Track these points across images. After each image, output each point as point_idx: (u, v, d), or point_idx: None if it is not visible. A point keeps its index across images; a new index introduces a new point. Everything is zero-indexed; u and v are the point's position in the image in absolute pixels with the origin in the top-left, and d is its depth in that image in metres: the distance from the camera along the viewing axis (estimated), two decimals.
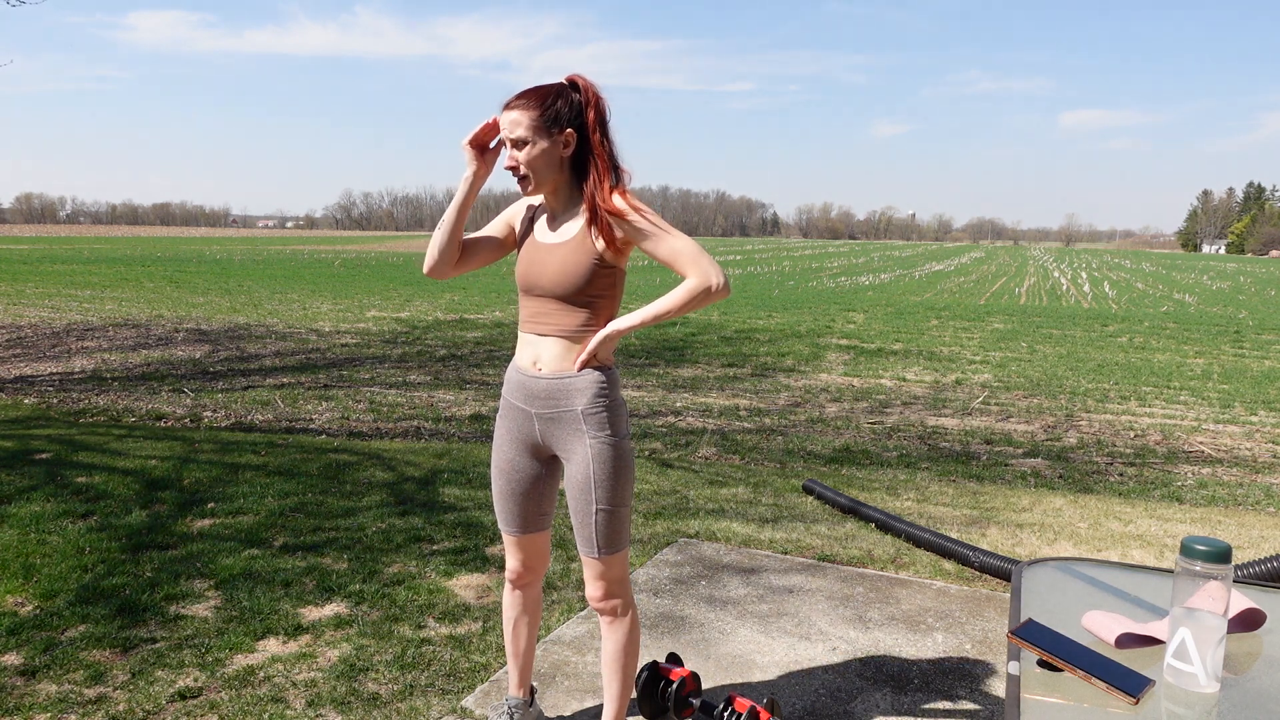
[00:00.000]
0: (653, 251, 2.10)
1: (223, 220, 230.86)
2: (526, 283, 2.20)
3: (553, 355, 2.17)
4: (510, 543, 2.39)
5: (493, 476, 2.34)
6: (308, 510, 4.42)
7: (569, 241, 2.14)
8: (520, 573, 2.42)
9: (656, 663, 2.60)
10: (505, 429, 2.30)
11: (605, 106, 2.11)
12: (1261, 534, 4.64)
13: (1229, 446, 7.05)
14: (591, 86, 2.11)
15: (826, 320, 16.28)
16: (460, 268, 2.27)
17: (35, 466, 5.05)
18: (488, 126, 2.15)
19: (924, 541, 4.15)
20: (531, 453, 2.28)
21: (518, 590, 2.46)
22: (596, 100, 2.10)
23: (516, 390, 2.24)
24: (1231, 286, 33.25)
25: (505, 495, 2.33)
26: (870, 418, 7.80)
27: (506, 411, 2.29)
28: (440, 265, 2.25)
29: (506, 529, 2.37)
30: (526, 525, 2.34)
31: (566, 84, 2.11)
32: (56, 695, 2.67)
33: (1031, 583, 1.71)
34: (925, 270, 39.65)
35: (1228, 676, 1.34)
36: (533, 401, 2.21)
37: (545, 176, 2.12)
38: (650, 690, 2.56)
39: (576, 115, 2.09)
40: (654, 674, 2.56)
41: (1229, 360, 12.29)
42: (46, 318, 14.17)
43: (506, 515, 2.35)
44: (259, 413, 7.39)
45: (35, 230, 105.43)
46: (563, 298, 2.14)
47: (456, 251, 2.24)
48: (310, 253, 46.40)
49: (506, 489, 2.32)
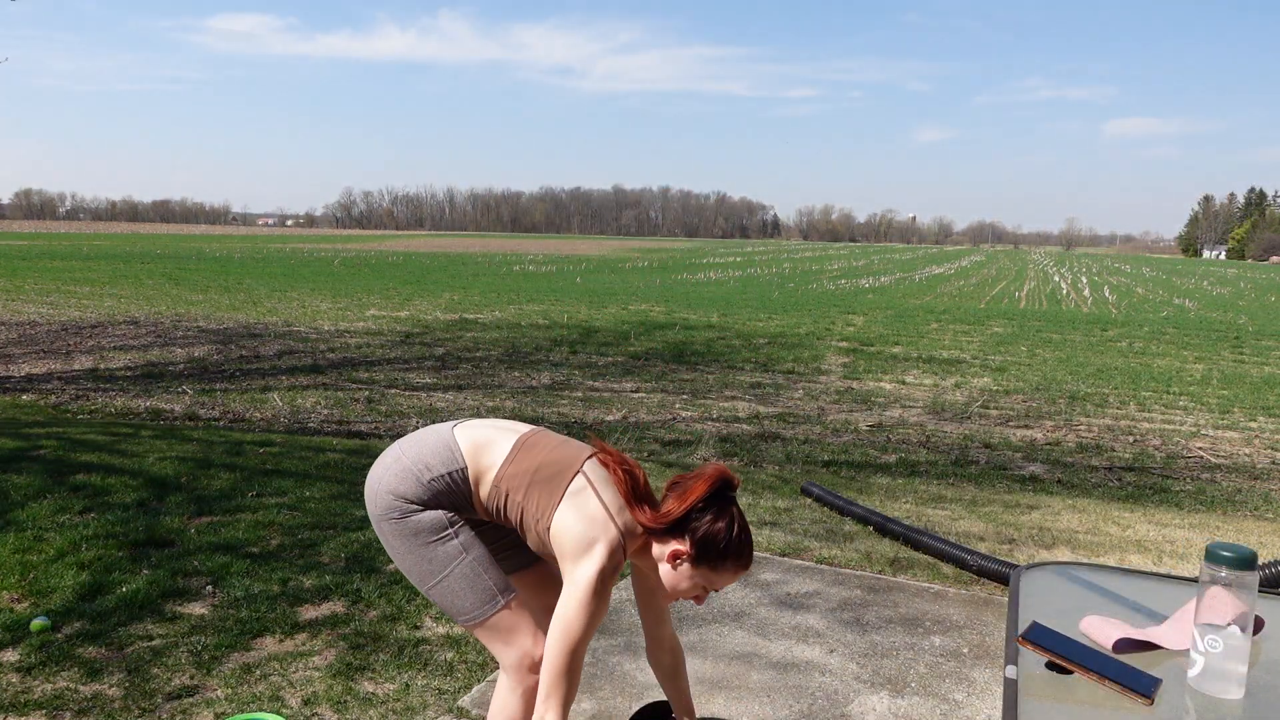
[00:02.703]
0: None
1: (223, 218, 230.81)
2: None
3: None
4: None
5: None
6: (305, 509, 4.42)
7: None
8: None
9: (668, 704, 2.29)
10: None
11: None
12: (1260, 540, 4.64)
13: (1228, 452, 7.05)
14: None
15: (826, 323, 16.28)
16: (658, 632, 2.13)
17: (33, 464, 5.05)
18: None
19: (922, 545, 4.15)
20: None
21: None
22: None
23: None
24: (1231, 292, 33.26)
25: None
26: (869, 420, 7.80)
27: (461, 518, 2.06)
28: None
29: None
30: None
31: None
32: (53, 693, 2.67)
33: (1029, 587, 1.70)
34: (925, 273, 39.66)
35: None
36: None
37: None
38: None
39: None
40: (662, 714, 2.27)
41: (1228, 366, 12.29)
42: (45, 314, 14.16)
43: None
44: (257, 411, 7.39)
45: (34, 226, 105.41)
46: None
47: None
48: (310, 251, 46.41)
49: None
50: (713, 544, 1.84)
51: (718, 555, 1.84)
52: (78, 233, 76.46)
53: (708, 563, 1.85)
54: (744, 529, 1.87)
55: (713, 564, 1.85)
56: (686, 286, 26.03)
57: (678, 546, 1.85)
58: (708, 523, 1.84)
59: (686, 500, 1.86)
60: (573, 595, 1.77)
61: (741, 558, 1.87)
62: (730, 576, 1.89)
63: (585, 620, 1.76)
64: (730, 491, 1.89)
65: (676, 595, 1.91)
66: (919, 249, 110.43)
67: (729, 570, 1.87)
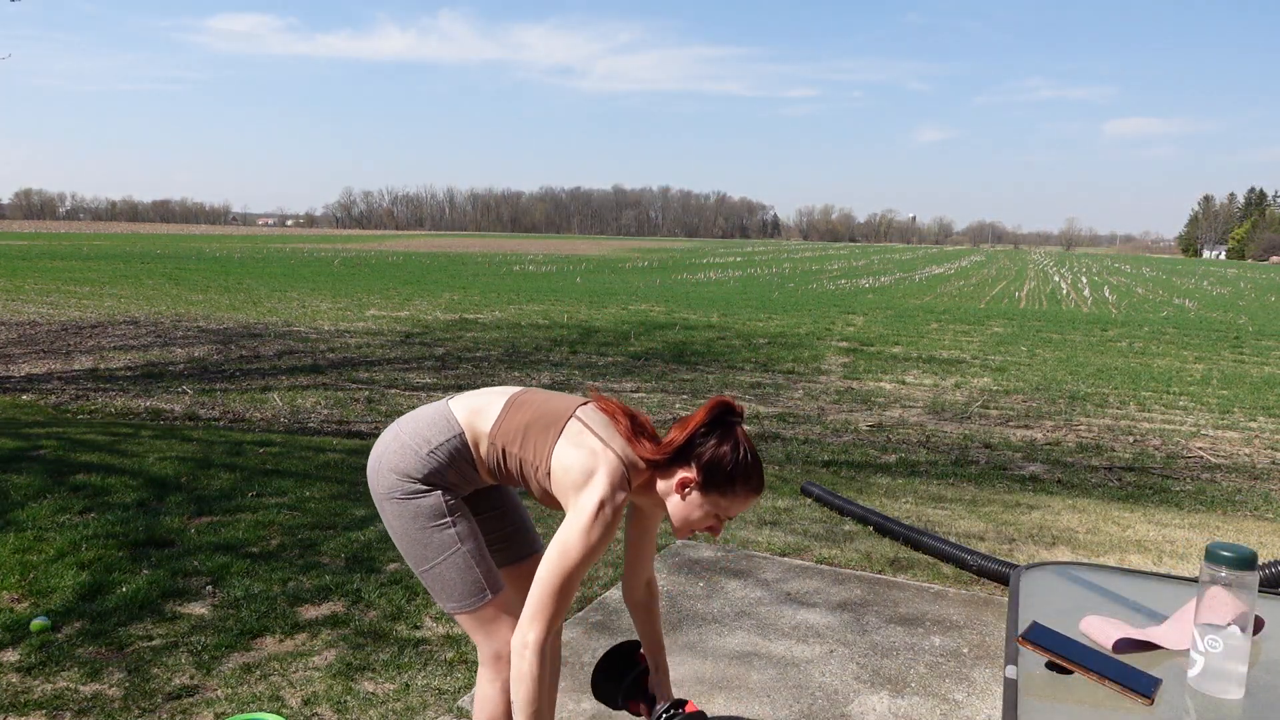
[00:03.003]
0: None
1: (223, 218, 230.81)
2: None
3: None
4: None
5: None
6: (305, 509, 4.42)
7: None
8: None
9: (637, 644, 2.29)
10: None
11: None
12: (1260, 540, 4.64)
13: (1228, 452, 7.05)
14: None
15: (826, 323, 16.28)
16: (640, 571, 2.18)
17: (33, 464, 5.05)
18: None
19: (922, 545, 4.15)
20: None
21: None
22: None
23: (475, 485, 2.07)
24: (1231, 292, 33.26)
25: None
26: (869, 420, 7.80)
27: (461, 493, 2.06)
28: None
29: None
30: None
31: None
32: (53, 693, 2.67)
33: (1029, 587, 1.71)
34: (925, 273, 39.66)
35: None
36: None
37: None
38: (613, 665, 2.21)
39: None
40: (629, 655, 2.24)
41: (1228, 366, 12.29)
42: (45, 314, 14.16)
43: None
44: (257, 411, 7.39)
45: (34, 226, 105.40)
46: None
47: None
48: (310, 251, 46.40)
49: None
50: (719, 467, 1.83)
51: (726, 479, 1.83)
52: (78, 233, 76.46)
53: (716, 488, 1.84)
54: (751, 451, 1.86)
55: (722, 489, 1.84)
56: (686, 286, 26.03)
57: (685, 474, 1.85)
58: (712, 447, 1.83)
59: (688, 427, 1.86)
60: (574, 521, 1.76)
61: (750, 480, 1.85)
62: (742, 502, 1.87)
63: (584, 547, 1.74)
64: (733, 417, 1.87)
65: (690, 528, 1.89)
66: (919, 249, 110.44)
67: (740, 495, 1.86)
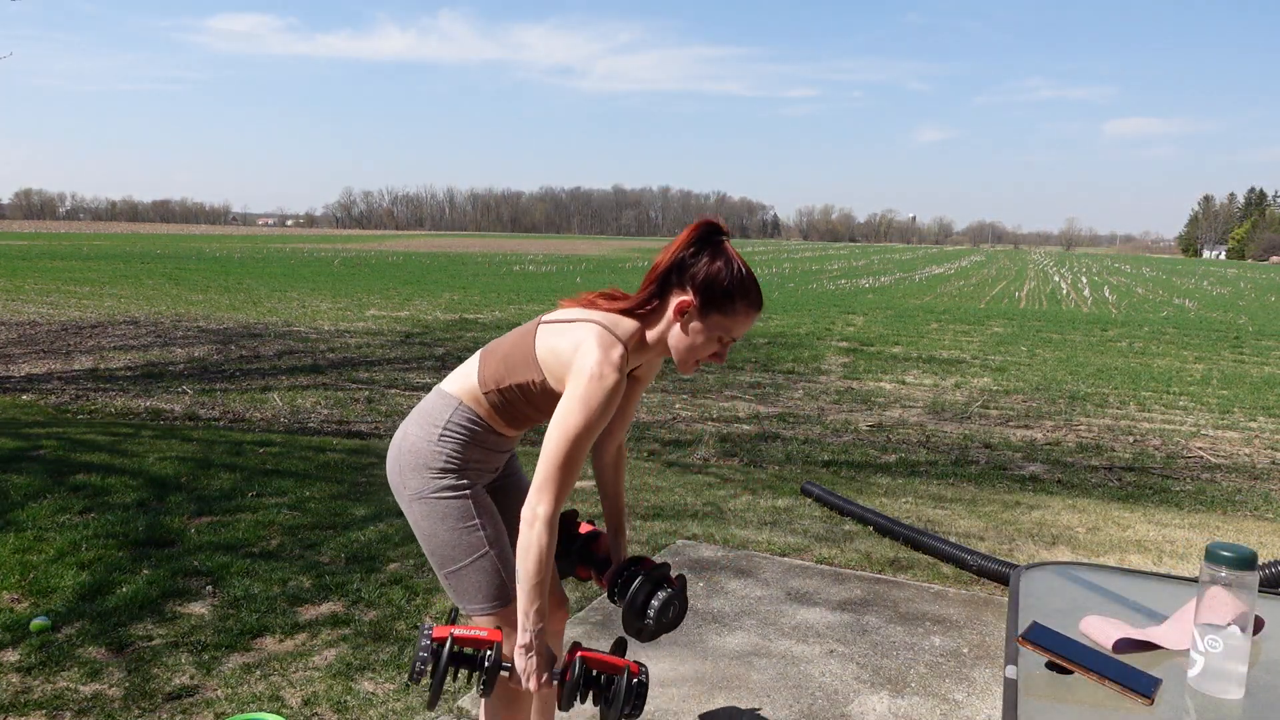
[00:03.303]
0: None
1: (223, 218, 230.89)
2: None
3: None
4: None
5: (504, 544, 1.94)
6: (305, 509, 4.42)
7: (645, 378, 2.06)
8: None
9: (574, 513, 2.22)
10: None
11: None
12: (1260, 540, 4.64)
13: (1228, 452, 7.05)
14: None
15: (826, 323, 16.28)
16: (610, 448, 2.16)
17: (33, 464, 5.05)
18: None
19: (922, 545, 4.15)
20: None
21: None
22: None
23: (497, 457, 2.02)
24: (1231, 292, 33.26)
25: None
26: (869, 420, 7.81)
27: (483, 472, 2.00)
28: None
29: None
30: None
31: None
32: (52, 693, 2.67)
33: (1029, 587, 1.71)
34: (925, 273, 39.66)
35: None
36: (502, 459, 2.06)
37: None
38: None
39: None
40: (566, 528, 2.17)
41: (1229, 366, 12.29)
42: (45, 314, 14.16)
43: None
44: (257, 411, 7.39)
45: (34, 226, 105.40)
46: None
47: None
48: (310, 251, 46.40)
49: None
50: (717, 283, 1.77)
51: (724, 295, 1.78)
52: (78, 233, 76.45)
53: (716, 307, 1.79)
54: (746, 265, 1.82)
55: (721, 307, 1.79)
56: None
57: (682, 299, 1.80)
58: (705, 264, 1.78)
59: (672, 249, 1.82)
60: (571, 389, 1.74)
61: (749, 294, 1.80)
62: (744, 319, 1.82)
63: (584, 414, 1.71)
64: (719, 236, 1.82)
65: (694, 357, 1.84)
66: (919, 249, 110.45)
67: (741, 312, 1.81)
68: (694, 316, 1.80)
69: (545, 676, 1.78)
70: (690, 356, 1.84)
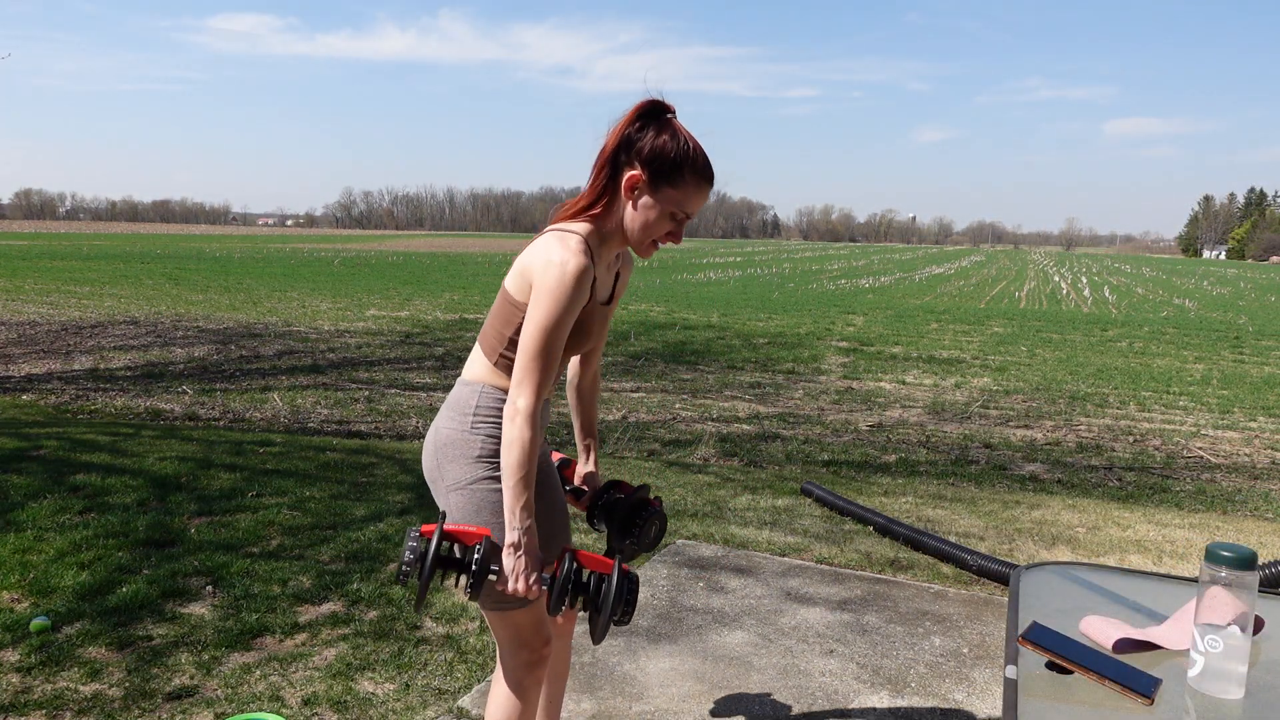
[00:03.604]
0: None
1: (223, 218, 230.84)
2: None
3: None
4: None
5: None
6: (305, 509, 4.42)
7: (614, 296, 2.00)
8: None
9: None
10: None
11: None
12: (1260, 540, 4.64)
13: (1228, 452, 7.05)
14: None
15: (826, 323, 16.28)
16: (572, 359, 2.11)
17: (33, 464, 5.05)
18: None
19: (922, 545, 4.15)
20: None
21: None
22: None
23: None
24: (1231, 292, 33.27)
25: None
26: (869, 420, 7.80)
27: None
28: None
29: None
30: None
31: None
32: (53, 693, 2.67)
33: (1029, 587, 1.71)
34: (925, 273, 39.66)
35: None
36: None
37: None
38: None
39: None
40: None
41: (1228, 366, 12.29)
42: (45, 314, 14.16)
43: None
44: (257, 411, 7.39)
45: (34, 226, 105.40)
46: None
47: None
48: (310, 251, 46.41)
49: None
50: (664, 156, 1.76)
51: (672, 167, 1.77)
52: (78, 233, 76.45)
53: (666, 180, 1.78)
54: (693, 139, 1.79)
55: (671, 180, 1.78)
56: (686, 286, 26.02)
57: (630, 174, 1.78)
58: (651, 138, 1.77)
59: (617, 129, 1.79)
60: (538, 284, 1.74)
61: (698, 164, 1.78)
62: (695, 193, 1.80)
63: (551, 305, 1.71)
64: (665, 113, 1.80)
65: (650, 237, 1.83)
66: (919, 249, 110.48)
67: (691, 185, 1.79)
68: (644, 191, 1.79)
69: (534, 577, 1.75)
70: (645, 236, 1.83)
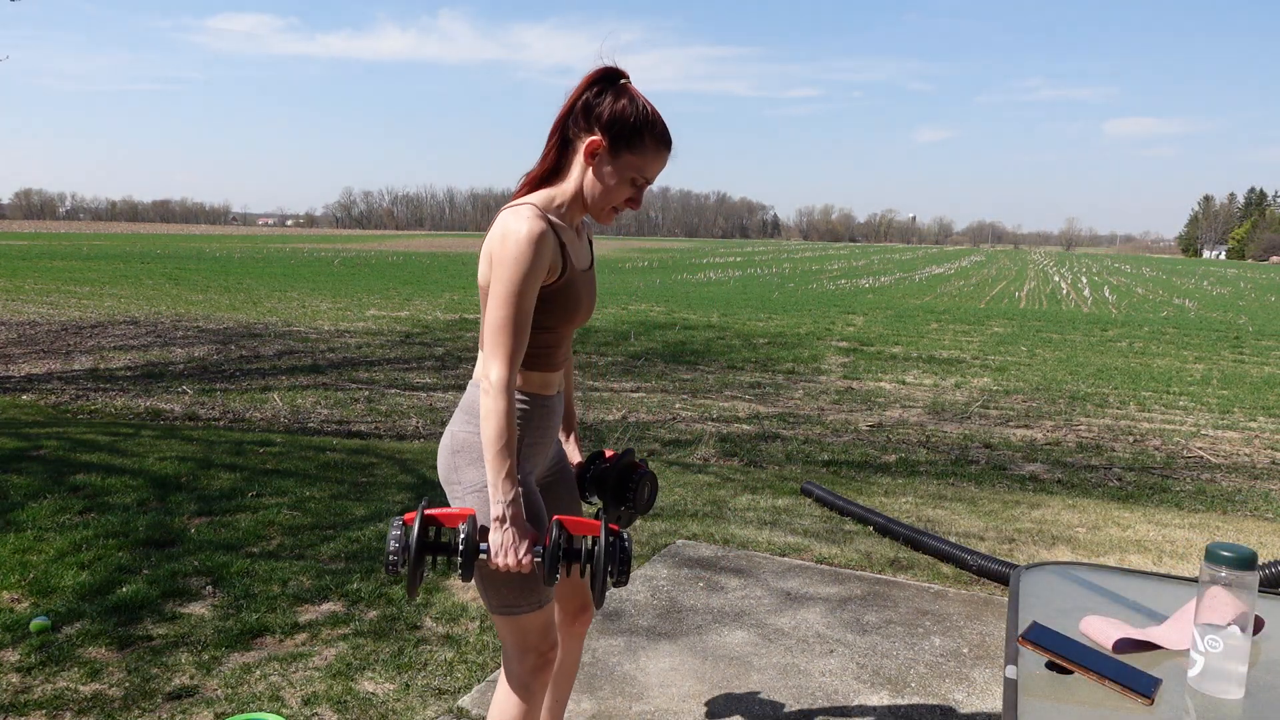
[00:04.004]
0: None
1: (223, 218, 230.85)
2: (586, 315, 1.92)
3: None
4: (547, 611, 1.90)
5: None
6: (305, 509, 4.42)
7: (592, 262, 1.99)
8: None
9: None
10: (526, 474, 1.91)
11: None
12: (1260, 540, 4.64)
13: (1228, 452, 7.05)
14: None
15: (826, 323, 16.28)
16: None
17: (33, 464, 5.05)
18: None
19: (922, 545, 4.15)
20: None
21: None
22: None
23: (549, 430, 1.95)
24: (1232, 292, 33.26)
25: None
26: (869, 420, 7.80)
27: (536, 454, 1.93)
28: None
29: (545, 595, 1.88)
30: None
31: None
32: (52, 693, 2.67)
33: (1030, 587, 1.71)
34: (925, 273, 39.66)
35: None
36: (555, 429, 1.99)
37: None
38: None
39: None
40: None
41: (1229, 366, 12.29)
42: (45, 314, 14.16)
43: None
44: (257, 411, 7.39)
45: (34, 226, 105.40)
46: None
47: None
48: (310, 251, 46.40)
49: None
50: (624, 120, 1.75)
51: (633, 132, 1.76)
52: (78, 233, 76.46)
53: (626, 144, 1.77)
54: (650, 103, 1.78)
55: (631, 144, 1.77)
56: (686, 286, 26.02)
57: (590, 139, 1.77)
58: (609, 103, 1.76)
59: (573, 95, 1.78)
60: (497, 259, 1.72)
61: (657, 130, 1.78)
62: (654, 158, 1.80)
63: (511, 269, 1.70)
64: (620, 78, 1.79)
65: (609, 203, 1.82)
66: (919, 249, 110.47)
67: (650, 149, 1.78)
68: (604, 158, 1.78)
69: (524, 549, 1.71)
70: (605, 202, 1.82)
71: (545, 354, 1.88)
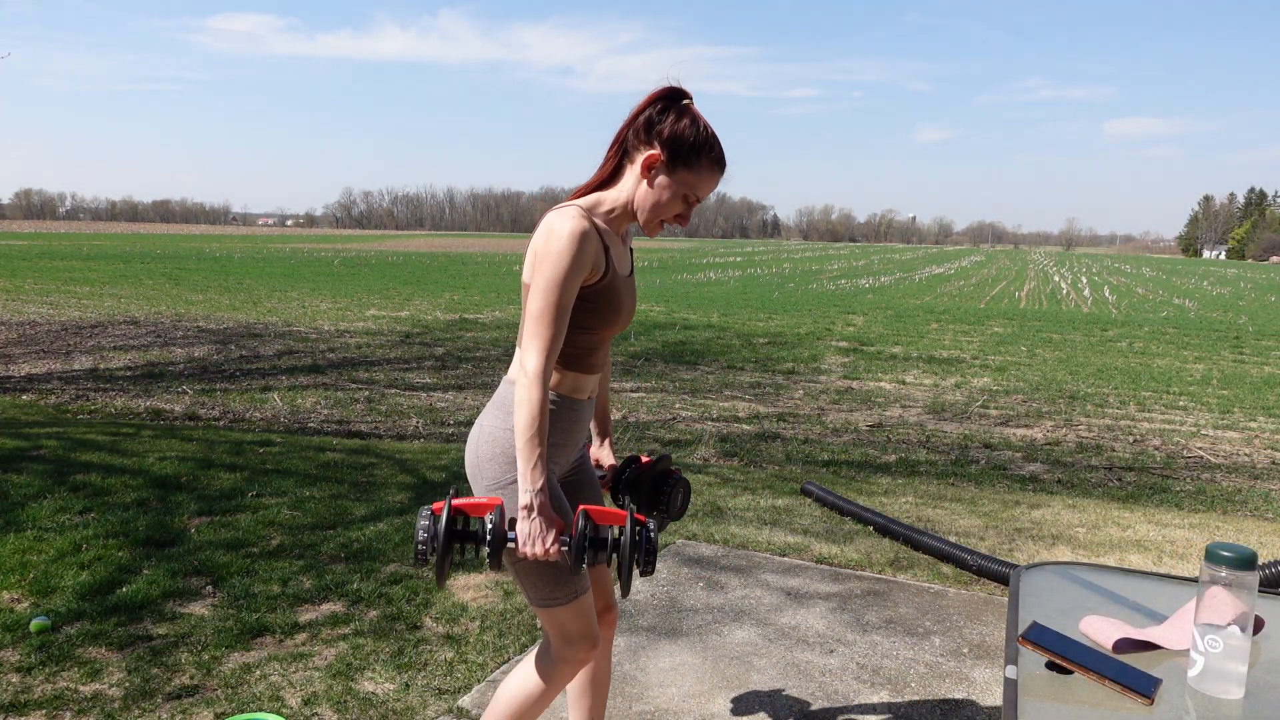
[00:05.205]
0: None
1: (222, 218, 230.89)
2: (626, 320, 1.95)
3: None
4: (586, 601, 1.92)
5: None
6: (305, 509, 4.42)
7: (633, 269, 2.02)
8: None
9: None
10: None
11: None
12: (1260, 540, 4.64)
13: (1228, 452, 7.06)
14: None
15: (826, 323, 16.28)
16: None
17: (34, 464, 5.05)
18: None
19: (922, 545, 4.15)
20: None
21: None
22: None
23: (574, 434, 1.97)
24: (1231, 292, 33.26)
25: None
26: (869, 420, 7.81)
27: (559, 455, 1.95)
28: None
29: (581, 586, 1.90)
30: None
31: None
32: (53, 693, 2.67)
33: (1030, 587, 1.71)
34: (925, 273, 39.66)
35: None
36: (581, 434, 2.02)
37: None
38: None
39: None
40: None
41: (1228, 366, 12.29)
42: (45, 314, 14.16)
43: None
44: (258, 411, 7.39)
45: (34, 226, 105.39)
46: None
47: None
48: (310, 251, 46.40)
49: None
50: (683, 140, 1.80)
51: (691, 151, 1.81)
52: (78, 233, 76.45)
53: (683, 163, 1.82)
54: (710, 126, 1.84)
55: (688, 163, 1.82)
56: (686, 286, 26.02)
57: (649, 153, 1.82)
58: (671, 122, 1.81)
59: (637, 109, 1.84)
60: (540, 254, 1.76)
61: (714, 152, 1.84)
62: (708, 177, 1.85)
63: (553, 264, 1.74)
64: (683, 98, 1.85)
65: (659, 216, 1.86)
66: (919, 249, 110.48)
67: (706, 169, 1.84)
68: (661, 171, 1.83)
69: (552, 537, 1.73)
70: (655, 215, 1.86)
71: (582, 355, 1.91)
